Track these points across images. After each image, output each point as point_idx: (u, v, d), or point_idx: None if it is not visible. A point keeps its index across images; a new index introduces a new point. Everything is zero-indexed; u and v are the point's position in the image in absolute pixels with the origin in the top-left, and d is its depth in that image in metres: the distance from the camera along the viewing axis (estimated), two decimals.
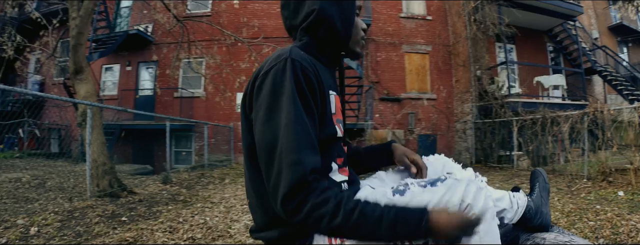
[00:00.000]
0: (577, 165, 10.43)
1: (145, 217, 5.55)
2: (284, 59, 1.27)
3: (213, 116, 14.44)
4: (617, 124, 10.13)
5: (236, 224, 5.21)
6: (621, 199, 7.25)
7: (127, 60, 15.43)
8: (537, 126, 11.60)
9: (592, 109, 10.57)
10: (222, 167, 12.78)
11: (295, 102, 1.21)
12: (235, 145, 14.45)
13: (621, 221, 5.60)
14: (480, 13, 15.02)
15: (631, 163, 8.28)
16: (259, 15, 15.27)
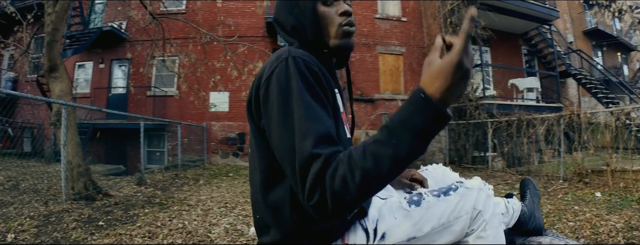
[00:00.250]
0: (553, 167, 10.84)
1: (122, 221, 5.52)
2: (284, 58, 1.24)
3: (186, 116, 14.46)
4: (594, 126, 10.43)
5: (216, 228, 5.21)
6: (599, 200, 7.54)
7: (101, 57, 15.35)
8: (512, 128, 11.90)
9: (569, 112, 10.86)
10: (195, 167, 12.86)
11: (305, 99, 1.15)
12: (208, 145, 14.60)
13: (600, 221, 5.86)
14: (456, 15, 15.36)
15: (607, 165, 8.70)
16: (233, 13, 15.41)
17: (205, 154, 14.47)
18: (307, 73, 1.21)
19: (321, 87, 1.23)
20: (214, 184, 9.63)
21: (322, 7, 1.46)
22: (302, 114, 1.11)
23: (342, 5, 1.47)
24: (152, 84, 14.99)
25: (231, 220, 5.64)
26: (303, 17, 1.46)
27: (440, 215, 1.46)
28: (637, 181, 8.22)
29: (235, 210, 6.35)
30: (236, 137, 14.89)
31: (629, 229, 5.49)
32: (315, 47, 1.46)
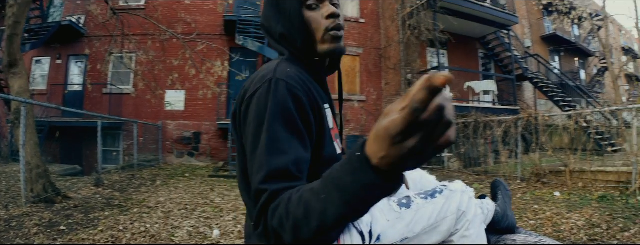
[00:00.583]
0: (510, 167, 11.44)
1: (83, 225, 5.53)
2: (268, 80, 1.24)
3: (142, 114, 14.42)
4: (552, 129, 10.90)
5: (179, 231, 5.35)
6: (558, 199, 7.99)
7: (58, 53, 15.17)
8: (469, 129, 12.40)
9: (527, 114, 11.35)
10: (151, 167, 12.96)
11: (273, 130, 1.16)
12: (163, 144, 14.64)
13: (561, 220, 6.29)
14: (415, 18, 15.73)
15: (566, 165, 9.20)
16: (192, 11, 15.52)
17: (160, 154, 14.50)
18: (289, 100, 1.21)
19: (302, 114, 1.23)
20: (172, 184, 9.76)
21: (308, 13, 1.46)
22: (265, 146, 1.14)
23: (327, 8, 1.46)
24: (109, 81, 14.86)
25: (193, 222, 5.79)
26: (290, 25, 1.46)
27: (429, 216, 1.57)
28: (596, 181, 8.75)
29: (196, 213, 6.51)
30: (191, 136, 14.98)
31: (590, 227, 5.89)
32: (306, 56, 1.49)
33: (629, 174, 8.13)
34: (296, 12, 1.42)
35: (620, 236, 5.38)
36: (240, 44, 13.46)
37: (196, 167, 13.82)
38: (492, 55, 20.16)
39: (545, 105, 22.22)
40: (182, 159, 14.84)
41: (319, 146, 1.34)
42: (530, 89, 22.57)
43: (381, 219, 1.49)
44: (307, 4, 1.44)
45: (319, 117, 1.34)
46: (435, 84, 0.66)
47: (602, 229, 5.70)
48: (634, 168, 7.88)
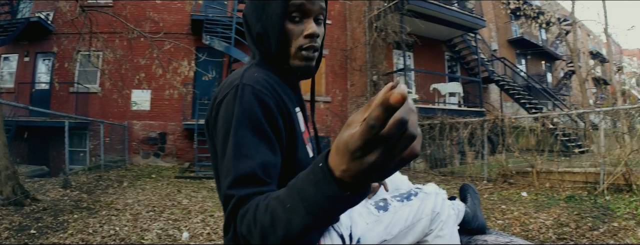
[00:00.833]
0: (476, 168, 11.74)
1: (53, 228, 5.59)
2: (235, 86, 1.25)
3: (108, 114, 14.37)
4: (518, 131, 11.26)
5: (148, 234, 5.46)
6: (525, 199, 8.29)
7: (26, 50, 15.05)
8: (435, 131, 12.69)
9: (493, 116, 11.64)
10: (117, 168, 12.97)
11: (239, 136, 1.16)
12: (129, 145, 14.65)
13: (529, 219, 6.53)
14: (382, 20, 16.09)
15: (532, 166, 9.56)
16: (159, 9, 15.49)
17: (126, 154, 14.50)
18: (255, 105, 1.21)
19: (269, 119, 1.23)
20: (139, 186, 9.87)
21: (290, 25, 1.41)
22: (232, 151, 1.14)
23: (308, 26, 1.41)
24: (76, 79, 14.74)
25: (161, 225, 5.95)
26: (270, 27, 1.42)
27: (406, 218, 1.65)
28: (563, 181, 9.08)
29: (164, 215, 6.68)
30: (157, 136, 15.03)
31: (558, 226, 6.13)
32: (276, 62, 1.46)
33: (597, 175, 8.46)
34: (277, 19, 1.39)
35: (589, 235, 5.64)
36: (207, 43, 13.59)
37: (162, 167, 13.90)
38: (459, 57, 20.67)
39: (511, 107, 22.85)
40: (148, 160, 14.86)
41: (290, 150, 1.35)
42: (496, 91, 23.17)
43: (360, 222, 1.59)
44: (291, 16, 1.40)
45: (288, 121, 1.35)
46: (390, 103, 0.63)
47: (570, 228, 5.95)
48: (602, 169, 8.23)
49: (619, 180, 8.06)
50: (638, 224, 5.90)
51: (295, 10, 1.39)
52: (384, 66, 17.02)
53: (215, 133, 1.27)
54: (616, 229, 5.80)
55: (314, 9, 1.41)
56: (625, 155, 7.96)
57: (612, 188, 8.13)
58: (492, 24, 24.80)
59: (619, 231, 5.67)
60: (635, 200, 7.16)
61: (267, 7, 1.41)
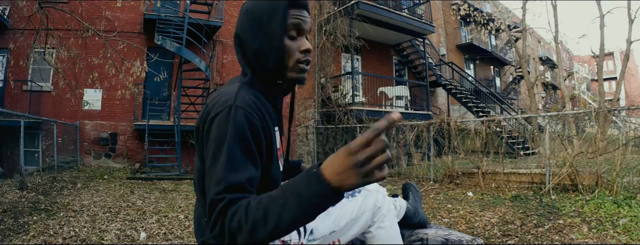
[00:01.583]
0: (423, 169, 12.06)
1: (15, 231, 5.73)
2: (228, 106, 1.42)
3: (60, 113, 14.20)
4: (464, 133, 11.65)
5: (107, 235, 5.67)
6: (471, 199, 8.59)
7: None
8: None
9: (439, 119, 12.03)
10: (69, 169, 13.03)
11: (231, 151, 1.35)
12: (81, 145, 14.58)
13: (475, 217, 6.80)
14: (331, 24, 16.69)
15: (478, 167, 9.94)
16: (112, 7, 15.42)
17: (78, 155, 14.38)
18: (245, 126, 1.40)
19: (255, 138, 1.43)
20: (92, 187, 10.06)
21: (287, 41, 1.61)
22: (224, 163, 1.33)
23: (304, 42, 1.65)
24: (29, 77, 14.47)
25: (119, 225, 6.23)
26: (269, 44, 1.59)
27: (351, 212, 1.90)
28: (509, 182, 9.45)
29: (120, 215, 6.98)
30: (108, 137, 15.04)
31: (503, 223, 6.41)
32: (271, 76, 1.66)
33: (543, 175, 8.88)
34: (279, 36, 1.57)
35: (534, 231, 5.91)
36: (159, 43, 13.46)
37: (113, 168, 14.02)
38: (407, 61, 21.45)
39: (458, 110, 23.84)
40: (99, 160, 14.85)
41: (267, 166, 1.57)
42: (444, 95, 23.93)
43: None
44: (290, 34, 1.62)
45: (269, 140, 1.56)
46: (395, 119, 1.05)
47: (515, 225, 6.26)
48: (547, 170, 8.64)
49: (565, 180, 8.49)
50: (583, 221, 6.23)
51: (293, 28, 1.62)
52: (332, 69, 17.44)
53: (205, 143, 1.44)
54: (561, 225, 6.14)
55: (307, 28, 1.68)
56: (571, 157, 8.32)
57: (558, 188, 8.55)
58: (442, 29, 25.67)
59: (564, 228, 6.03)
60: (581, 199, 7.49)
61: (265, 26, 1.60)
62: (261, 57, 1.61)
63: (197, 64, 13.81)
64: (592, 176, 8.18)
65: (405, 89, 18.90)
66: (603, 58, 20.95)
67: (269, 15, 1.60)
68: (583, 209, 6.89)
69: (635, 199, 6.99)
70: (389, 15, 17.09)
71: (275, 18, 1.59)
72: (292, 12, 1.63)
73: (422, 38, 19.90)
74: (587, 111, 9.64)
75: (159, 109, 16.00)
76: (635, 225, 5.69)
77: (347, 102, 16.24)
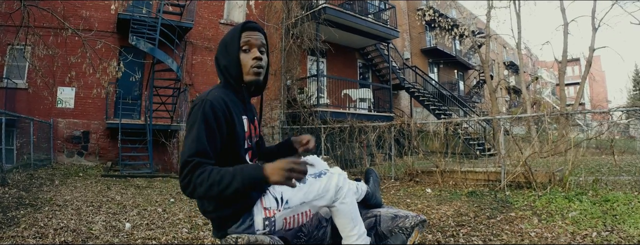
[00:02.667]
0: (385, 168, 12.59)
1: (6, 224, 5.93)
2: (201, 100, 2.14)
3: (34, 111, 14.18)
4: (424, 134, 12.41)
5: (94, 226, 5.95)
6: (429, 195, 9.15)
7: None
8: (345, 134, 13.63)
9: (400, 121, 12.78)
10: (44, 166, 13.09)
11: (198, 128, 2.04)
12: (54, 143, 14.72)
13: (431, 210, 7.22)
14: (298, 28, 17.55)
15: (437, 166, 10.58)
16: (87, 6, 15.70)
17: (52, 153, 14.49)
18: (210, 113, 2.09)
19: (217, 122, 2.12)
20: (70, 184, 10.38)
21: (242, 54, 2.34)
22: (193, 137, 2.03)
23: (254, 53, 2.34)
24: (5, 74, 14.36)
25: (103, 218, 6.54)
26: (230, 60, 2.33)
27: (317, 188, 2.39)
28: (466, 180, 10.07)
29: (103, 209, 7.31)
30: (81, 135, 15.25)
31: (458, 215, 6.77)
32: (236, 81, 2.37)
33: (498, 173, 9.49)
34: (235, 53, 2.32)
35: (486, 222, 6.25)
36: (133, 44, 13.96)
37: (86, 166, 14.26)
38: (371, 65, 22.30)
39: (421, 112, 24.56)
40: (72, 158, 14.97)
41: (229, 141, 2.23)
42: (407, 98, 24.81)
43: (288, 189, 2.34)
44: (243, 49, 2.34)
45: (231, 124, 2.23)
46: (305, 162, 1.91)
47: (469, 217, 6.63)
48: (503, 168, 9.28)
49: (519, 178, 9.10)
50: (534, 214, 6.64)
51: (245, 44, 2.34)
52: (298, 71, 18.41)
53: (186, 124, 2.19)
54: (513, 217, 6.53)
55: (257, 43, 2.37)
56: (524, 157, 8.96)
57: (513, 185, 9.15)
58: (407, 34, 26.43)
59: (515, 219, 6.40)
60: (534, 195, 8.05)
61: (228, 48, 2.35)
62: (228, 70, 2.36)
63: (170, 65, 14.29)
64: (546, 174, 8.84)
65: (369, 91, 19.69)
66: (565, 64, 22.05)
67: (229, 41, 2.36)
68: (535, 204, 7.44)
69: (586, 195, 7.57)
70: (355, 21, 17.81)
71: (233, 42, 2.34)
72: (244, 34, 2.35)
73: (387, 42, 20.73)
74: (540, 114, 10.39)
75: (130, 108, 16.22)
76: (583, 217, 6.13)
77: (312, 104, 17.10)
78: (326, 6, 16.81)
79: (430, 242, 5.21)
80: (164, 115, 15.81)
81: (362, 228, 2.60)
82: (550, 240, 5.10)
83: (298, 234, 2.95)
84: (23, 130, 13.28)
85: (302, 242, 2.95)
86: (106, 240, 5.23)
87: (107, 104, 15.53)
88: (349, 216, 2.53)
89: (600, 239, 5.01)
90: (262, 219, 2.31)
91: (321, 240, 2.97)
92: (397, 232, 2.84)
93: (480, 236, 5.46)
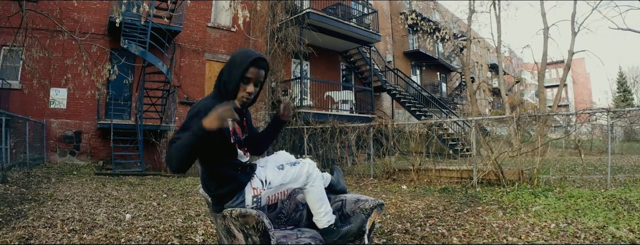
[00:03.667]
0: (365, 167, 13.39)
1: (15, 216, 6.29)
2: (201, 101, 2.84)
3: (27, 111, 14.36)
4: (400, 134, 13.01)
5: (98, 217, 6.42)
6: (404, 191, 9.70)
7: None
8: (326, 134, 14.30)
9: (378, 122, 13.46)
10: (37, 166, 13.46)
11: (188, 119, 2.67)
12: (47, 142, 15.11)
13: (404, 204, 7.74)
14: (283, 32, 18.18)
15: (413, 165, 11.24)
16: (79, 8, 16.02)
17: (45, 152, 14.90)
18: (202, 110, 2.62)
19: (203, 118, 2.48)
20: (66, 181, 10.82)
21: (241, 84, 2.87)
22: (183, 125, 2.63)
23: (250, 87, 2.90)
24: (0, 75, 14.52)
25: (104, 210, 7.05)
26: (230, 81, 2.86)
27: (292, 174, 3.10)
28: (440, 177, 10.76)
29: (102, 203, 7.83)
30: (73, 135, 15.66)
31: (428, 208, 7.25)
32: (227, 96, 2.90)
33: (470, 171, 10.15)
34: (236, 80, 2.84)
35: (453, 214, 6.72)
36: (125, 47, 14.52)
37: (79, 165, 14.68)
38: (354, 67, 22.89)
39: (403, 114, 25.16)
40: (64, 158, 15.38)
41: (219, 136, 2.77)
42: (388, 100, 25.46)
43: (270, 174, 3.07)
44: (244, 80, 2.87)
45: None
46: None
47: (438, 210, 7.13)
48: (475, 166, 9.95)
49: (490, 176, 9.72)
50: (500, 208, 7.12)
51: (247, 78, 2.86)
52: (282, 74, 19.00)
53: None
54: (479, 211, 6.97)
55: (258, 80, 2.93)
56: (493, 156, 9.64)
57: (484, 182, 9.78)
58: (389, 37, 27.17)
59: (481, 212, 6.83)
60: (502, 191, 8.65)
61: (233, 70, 2.84)
62: (225, 86, 2.91)
63: (160, 68, 14.86)
64: (515, 172, 9.49)
65: (351, 93, 20.35)
66: (545, 67, 22.76)
67: (238, 65, 2.85)
68: (502, 199, 7.95)
69: (552, 191, 8.12)
70: (338, 25, 18.48)
71: (240, 69, 2.83)
72: (251, 69, 2.85)
73: (369, 46, 21.45)
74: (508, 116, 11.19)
75: (121, 109, 16.78)
76: (547, 211, 6.55)
77: (295, 105, 17.56)
78: (310, 11, 17.40)
79: (399, 230, 5.73)
80: (154, 115, 16.33)
81: (328, 207, 3.30)
82: (511, 231, 5.54)
83: (279, 215, 3.80)
84: (16, 130, 13.39)
85: (282, 221, 3.78)
86: (110, 229, 5.71)
87: (99, 104, 16.02)
88: (317, 197, 3.24)
89: (558, 229, 5.42)
90: (252, 197, 2.98)
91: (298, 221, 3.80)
92: (358, 212, 3.51)
93: (445, 226, 5.97)
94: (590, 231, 5.26)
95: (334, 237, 3.26)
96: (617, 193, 7.68)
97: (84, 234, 5.43)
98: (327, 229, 3.29)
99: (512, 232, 5.52)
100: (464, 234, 5.54)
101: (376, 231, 5.70)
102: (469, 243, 5.11)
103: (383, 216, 6.74)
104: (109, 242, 5.11)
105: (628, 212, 6.18)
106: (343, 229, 3.28)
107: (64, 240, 5.10)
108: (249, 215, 2.79)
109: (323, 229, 3.30)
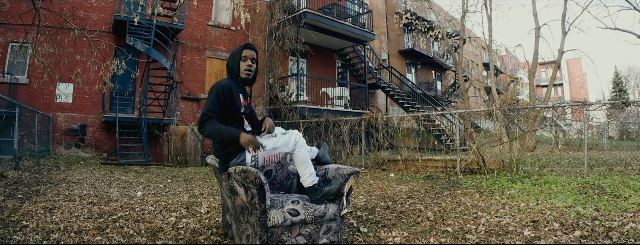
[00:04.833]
0: (357, 159, 14.36)
1: (35, 194, 6.75)
2: (215, 84, 3.81)
3: (34, 105, 14.34)
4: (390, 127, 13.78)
5: (112, 194, 7.12)
6: (392, 179, 10.36)
7: None
8: (321, 128, 15.08)
9: (369, 116, 14.09)
10: (44, 157, 13.74)
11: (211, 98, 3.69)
12: (53, 135, 15.55)
13: (390, 188, 8.38)
14: (281, 31, 18.76)
15: (401, 155, 12.06)
16: (86, 7, 16.56)
17: (51, 145, 15.26)
18: (221, 90, 3.73)
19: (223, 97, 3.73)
20: (75, 170, 11.25)
21: (241, 62, 3.98)
22: (209, 102, 3.71)
23: (248, 63, 3.99)
24: (7, 70, 14.90)
25: (117, 190, 7.72)
26: (234, 63, 3.98)
27: (284, 141, 3.93)
28: (427, 167, 11.44)
29: (114, 185, 8.46)
30: (78, 128, 16.10)
31: (412, 192, 7.87)
32: (235, 76, 3.96)
33: (454, 161, 10.78)
34: (238, 61, 3.98)
35: (433, 196, 7.35)
36: (131, 44, 15.13)
37: (84, 157, 15.10)
38: (349, 65, 23.50)
39: (397, 110, 25.66)
40: (70, 150, 15.79)
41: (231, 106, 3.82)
42: (383, 97, 26.03)
43: (265, 140, 3.88)
44: (242, 59, 3.99)
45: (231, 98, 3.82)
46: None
47: (420, 193, 7.75)
48: (458, 156, 10.62)
49: (472, 165, 10.40)
50: (477, 191, 7.67)
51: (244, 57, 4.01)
52: (279, 71, 19.65)
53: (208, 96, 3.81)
54: (457, 194, 7.54)
55: (250, 56, 4.02)
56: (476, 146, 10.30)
57: (467, 171, 10.45)
58: (385, 36, 27.62)
59: (459, 195, 7.38)
60: (482, 178, 9.27)
61: (234, 58, 4.01)
62: (232, 70, 4.02)
63: (164, 64, 15.53)
64: (496, 162, 10.19)
65: (346, 90, 21.02)
66: (536, 66, 23.30)
67: (236, 53, 4.03)
68: (481, 184, 8.48)
69: (530, 179, 8.59)
70: (334, 25, 19.12)
71: (238, 54, 4.01)
72: (245, 51, 4.01)
73: (364, 44, 22.08)
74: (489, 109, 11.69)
75: (125, 103, 17.39)
76: (521, 194, 7.04)
77: (292, 101, 18.37)
78: (307, 11, 18.00)
79: (381, 207, 6.43)
80: (157, 110, 17.02)
81: (312, 170, 4.08)
82: (483, 208, 6.09)
83: (273, 181, 4.59)
84: (24, 123, 12.87)
85: (276, 188, 4.58)
86: (125, 202, 6.43)
87: (104, 99, 16.59)
88: (303, 161, 4.04)
89: (527, 208, 5.92)
90: (251, 157, 3.84)
91: (289, 188, 4.64)
92: (338, 177, 4.19)
93: (423, 204, 6.61)
94: (558, 210, 5.68)
95: (317, 195, 3.97)
96: (591, 180, 8.07)
97: (103, 206, 6.13)
98: (311, 188, 4.02)
99: (484, 209, 6.07)
100: (438, 210, 6.15)
101: (361, 207, 6.44)
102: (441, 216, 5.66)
103: (369, 197, 7.37)
104: (125, 211, 5.83)
105: (598, 196, 6.62)
106: (325, 189, 3.97)
107: (85, 211, 5.75)
108: (249, 171, 3.52)
109: (308, 188, 4.03)
